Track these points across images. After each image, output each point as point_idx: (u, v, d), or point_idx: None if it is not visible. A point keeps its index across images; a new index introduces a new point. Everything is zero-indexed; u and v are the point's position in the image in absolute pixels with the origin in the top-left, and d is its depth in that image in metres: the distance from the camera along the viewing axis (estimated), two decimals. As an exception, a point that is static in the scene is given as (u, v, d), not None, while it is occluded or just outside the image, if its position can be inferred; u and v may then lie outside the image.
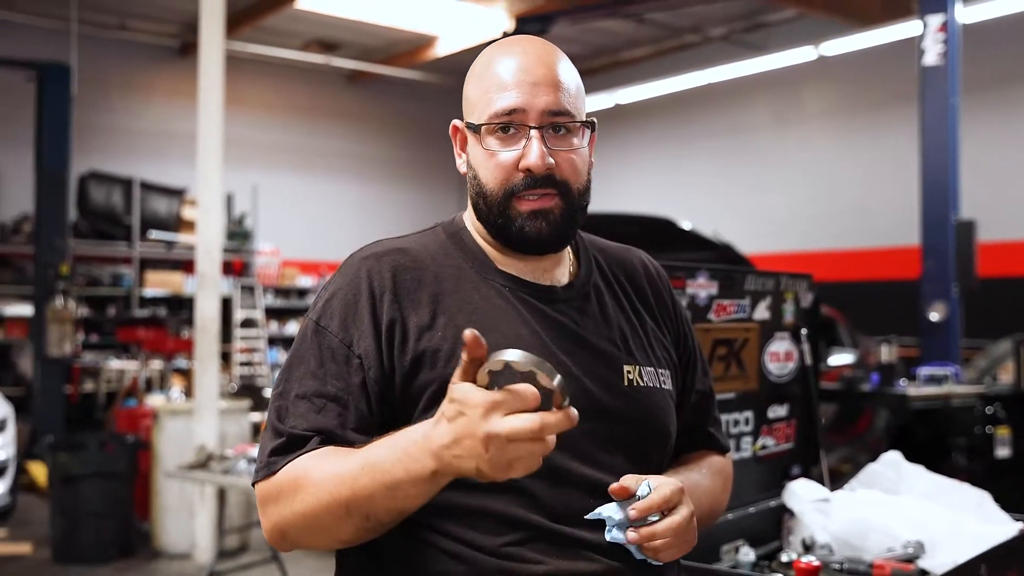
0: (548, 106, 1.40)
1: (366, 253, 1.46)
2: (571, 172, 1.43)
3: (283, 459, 1.33)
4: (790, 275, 2.98)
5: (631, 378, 1.47)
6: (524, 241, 1.43)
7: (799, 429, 2.99)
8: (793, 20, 11.29)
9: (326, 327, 1.39)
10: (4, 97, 10.75)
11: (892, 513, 2.45)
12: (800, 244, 11.39)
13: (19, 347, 10.89)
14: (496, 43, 1.50)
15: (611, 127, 13.45)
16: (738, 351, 2.72)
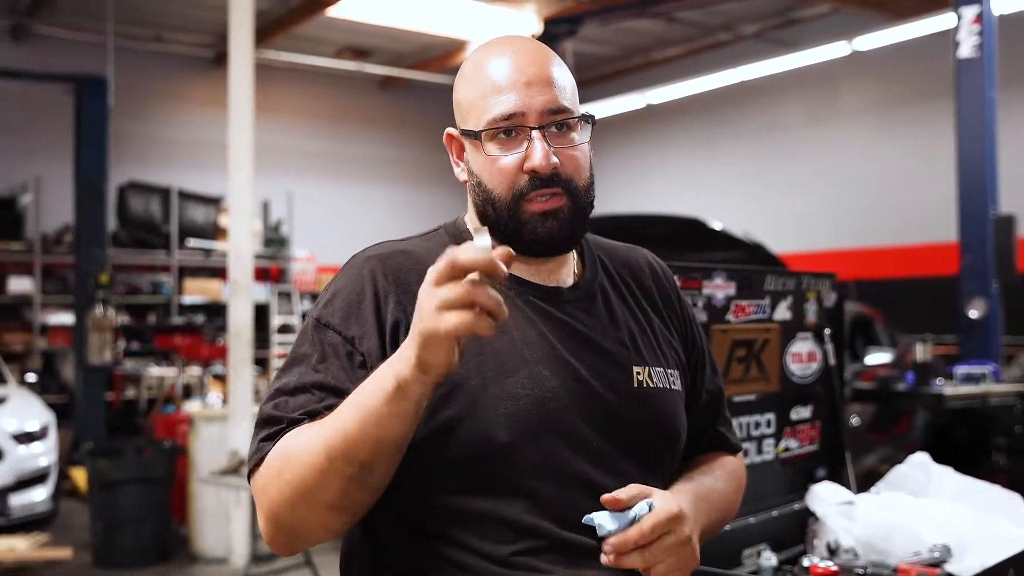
0: (546, 105, 1.39)
1: (370, 254, 1.45)
2: (575, 169, 1.42)
3: (271, 443, 1.29)
4: (812, 274, 2.93)
5: (640, 379, 1.46)
6: (537, 243, 1.42)
7: (824, 431, 2.95)
8: (826, 15, 11.15)
9: (328, 324, 1.38)
10: (44, 110, 10.95)
11: (918, 516, 2.40)
12: (837, 242, 11.26)
13: (62, 355, 11.08)
14: (483, 45, 1.49)
15: (643, 127, 13.41)
16: (758, 352, 2.69)
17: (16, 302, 11.15)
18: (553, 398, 1.36)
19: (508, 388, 1.35)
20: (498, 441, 1.32)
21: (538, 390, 1.36)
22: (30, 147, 11.28)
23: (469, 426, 1.32)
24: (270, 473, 1.28)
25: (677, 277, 2.40)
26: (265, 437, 1.31)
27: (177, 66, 12.51)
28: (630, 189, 13.71)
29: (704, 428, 1.65)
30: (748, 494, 2.58)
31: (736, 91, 11.74)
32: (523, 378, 1.36)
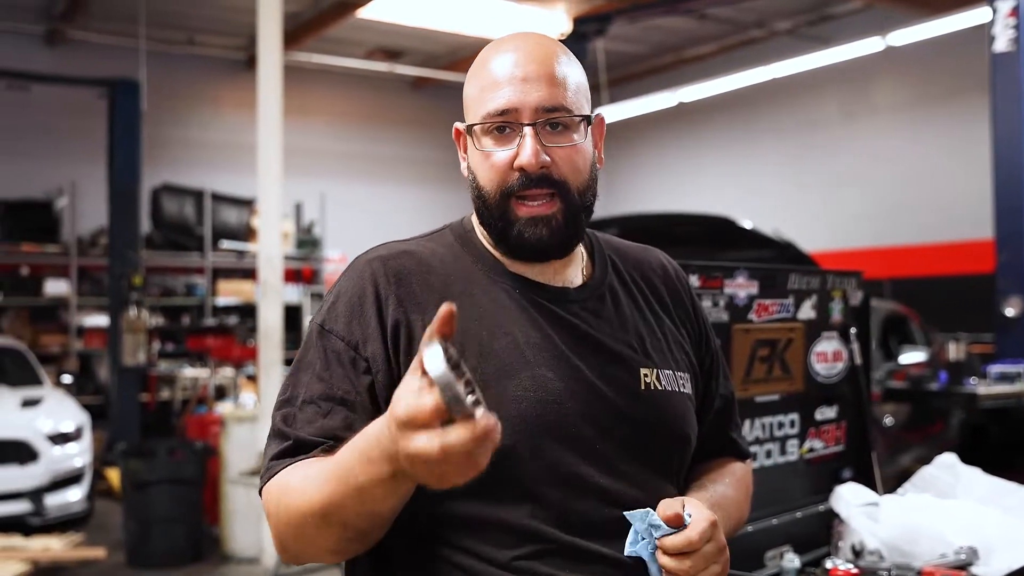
0: (541, 102, 1.36)
1: (372, 255, 1.43)
2: (570, 170, 1.38)
3: (291, 460, 1.29)
4: (838, 273, 2.89)
5: (648, 381, 1.43)
6: (524, 247, 1.39)
7: (850, 431, 2.90)
8: (860, 11, 11.03)
9: (331, 330, 1.37)
10: (79, 114, 11.08)
11: (944, 518, 2.36)
12: (872, 240, 11.12)
13: (98, 357, 11.22)
14: (493, 42, 1.47)
15: (675, 126, 13.34)
16: (781, 352, 2.65)
17: (53, 304, 11.31)
18: (556, 400, 1.34)
19: (509, 391, 1.32)
20: (501, 444, 1.29)
21: (541, 392, 1.33)
22: (65, 151, 11.43)
23: None
24: (274, 500, 1.29)
25: (697, 276, 2.40)
26: (275, 455, 1.31)
27: (210, 69, 12.61)
28: (662, 188, 13.66)
29: (715, 433, 1.61)
30: (771, 495, 2.58)
31: (769, 88, 11.63)
32: (525, 380, 1.33)
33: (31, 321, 11.17)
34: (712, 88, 11.41)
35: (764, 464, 2.61)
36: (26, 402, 7.37)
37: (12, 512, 6.73)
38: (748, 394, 2.56)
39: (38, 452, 6.90)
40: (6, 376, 8.08)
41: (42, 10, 11.07)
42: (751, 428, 2.57)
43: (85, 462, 7.30)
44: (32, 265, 11.24)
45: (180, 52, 12.11)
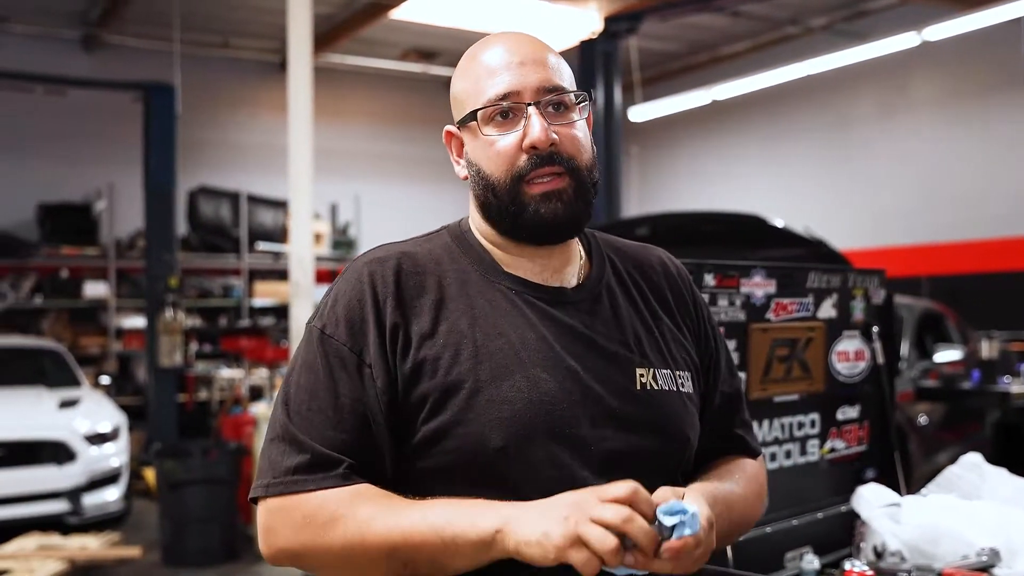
0: (542, 83, 1.38)
1: (369, 257, 1.44)
2: (575, 148, 1.40)
3: (309, 478, 1.29)
4: (859, 271, 2.86)
5: (644, 381, 1.42)
6: (541, 226, 1.39)
7: (873, 431, 2.87)
8: (896, 6, 10.88)
9: (332, 335, 1.37)
10: (116, 118, 11.23)
11: (965, 519, 2.33)
12: (910, 237, 10.97)
13: (137, 358, 11.37)
14: (476, 43, 1.49)
15: (710, 124, 13.26)
16: (801, 351, 2.63)
17: (92, 306, 11.47)
18: (550, 401, 1.34)
19: (503, 392, 1.33)
20: (491, 445, 1.30)
21: (534, 393, 1.33)
22: (103, 154, 11.59)
23: (462, 431, 1.31)
24: (309, 520, 1.29)
25: (713, 275, 2.38)
26: (298, 467, 1.31)
27: (245, 72, 12.73)
28: (697, 186, 13.58)
29: (721, 431, 1.59)
30: (791, 495, 2.56)
31: (804, 85, 11.52)
32: (519, 381, 1.34)
33: (71, 323, 11.34)
34: (747, 86, 11.32)
35: (783, 464, 2.59)
36: (64, 403, 7.47)
37: (50, 511, 6.81)
38: (767, 394, 2.54)
39: (76, 452, 6.99)
40: (45, 377, 8.19)
41: (79, 15, 11.23)
42: (769, 428, 2.55)
43: (122, 462, 7.38)
44: (72, 268, 11.40)
45: (215, 55, 12.24)
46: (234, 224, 11.98)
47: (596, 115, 8.32)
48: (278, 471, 1.32)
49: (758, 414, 2.50)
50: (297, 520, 1.30)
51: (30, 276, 11.15)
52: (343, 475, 1.30)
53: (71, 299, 11.28)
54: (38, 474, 6.85)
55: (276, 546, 1.33)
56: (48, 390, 7.84)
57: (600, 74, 8.49)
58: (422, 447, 1.33)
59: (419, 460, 1.34)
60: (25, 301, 11.01)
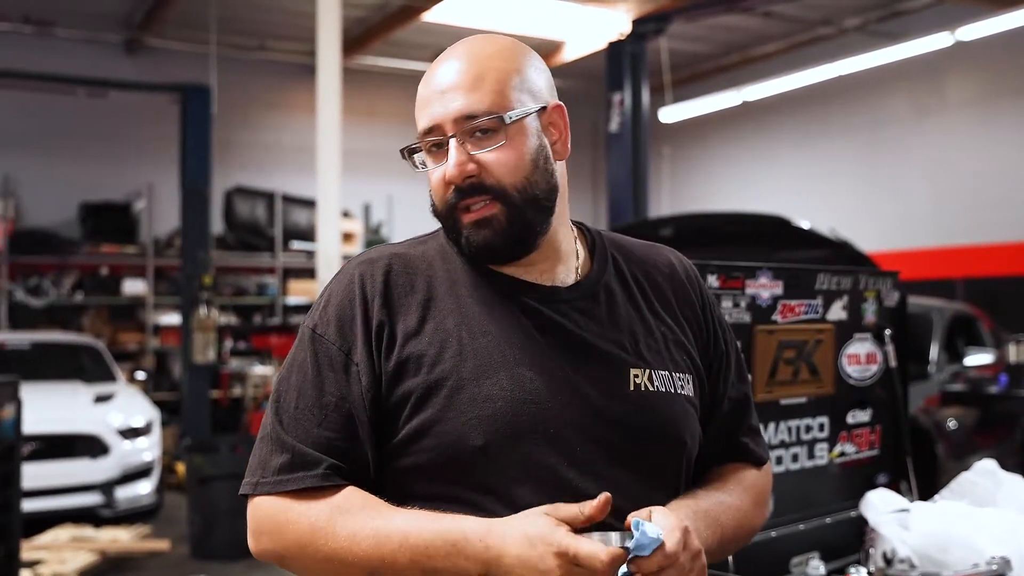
0: (460, 111, 1.35)
1: (361, 259, 1.45)
2: (504, 172, 1.36)
3: (290, 477, 1.32)
4: (871, 273, 2.83)
5: (638, 382, 1.40)
6: (475, 252, 1.39)
7: (885, 435, 2.84)
8: (932, 6, 10.75)
9: (323, 334, 1.39)
10: (156, 119, 11.40)
11: (976, 526, 2.30)
12: (945, 239, 10.83)
13: (173, 354, 11.53)
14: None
15: (743, 125, 13.18)
16: (809, 354, 2.60)
17: (131, 303, 11.67)
18: (534, 400, 1.33)
19: (485, 390, 1.32)
20: (471, 444, 1.30)
21: (517, 392, 1.33)
22: (143, 155, 11.77)
23: (442, 428, 1.31)
24: (291, 529, 1.31)
25: (716, 276, 2.37)
26: (281, 467, 1.33)
27: (280, 74, 12.85)
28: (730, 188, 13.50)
29: (726, 437, 1.56)
30: (798, 500, 2.54)
31: (838, 86, 11.42)
32: (502, 379, 1.33)
33: (111, 319, 11.55)
34: (779, 86, 11.25)
35: (790, 468, 2.56)
36: (99, 398, 7.61)
37: (84, 504, 6.96)
38: (772, 396, 2.51)
39: (109, 446, 7.13)
40: (83, 372, 8.36)
41: (123, 20, 11.41)
42: (776, 431, 2.52)
43: (154, 456, 7.51)
44: (111, 265, 11.61)
45: (252, 58, 12.36)
46: (269, 223, 12.11)
47: (623, 116, 8.31)
48: (264, 470, 1.34)
49: (763, 416, 2.47)
50: (280, 525, 1.32)
51: (72, 273, 11.37)
52: (323, 475, 1.31)
53: (111, 296, 11.50)
54: (73, 467, 7.00)
55: (261, 546, 1.35)
56: (84, 385, 7.99)
57: (628, 75, 8.48)
58: (404, 444, 1.33)
59: (401, 458, 1.34)
60: (67, 298, 11.22)
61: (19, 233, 10.94)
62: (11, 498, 4.45)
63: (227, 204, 11.93)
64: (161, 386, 11.35)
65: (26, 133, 11.38)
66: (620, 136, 8.37)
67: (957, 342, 6.29)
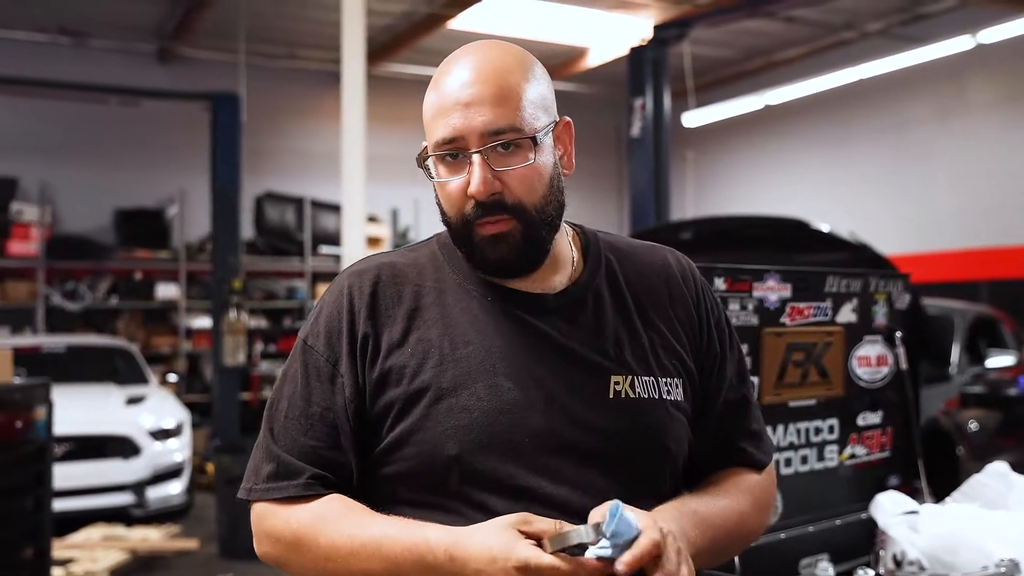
0: (487, 126, 1.33)
1: (352, 270, 1.48)
2: (524, 190, 1.36)
3: (276, 486, 1.37)
4: (882, 275, 2.85)
5: (619, 389, 1.40)
6: (487, 266, 1.40)
7: (897, 437, 2.86)
8: (954, 10, 10.68)
9: (312, 346, 1.42)
10: (187, 127, 11.53)
11: (986, 528, 2.31)
12: (969, 241, 10.74)
13: (206, 357, 11.69)
14: (450, 55, 1.44)
15: (768, 129, 13.17)
16: (818, 356, 2.63)
17: (164, 307, 11.84)
18: (511, 410, 1.34)
19: (462, 400, 1.34)
20: (446, 454, 1.32)
21: (494, 402, 1.34)
22: (175, 162, 11.94)
23: (420, 437, 1.34)
24: (279, 535, 1.37)
25: (723, 279, 2.40)
26: (269, 475, 1.39)
27: (310, 81, 12.97)
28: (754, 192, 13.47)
29: (723, 439, 1.54)
30: (807, 501, 2.56)
31: (861, 89, 11.38)
32: (480, 390, 1.35)
33: (144, 323, 11.73)
34: (802, 90, 11.23)
35: (799, 470, 2.58)
36: (131, 400, 7.75)
37: (116, 503, 7.10)
38: (781, 399, 2.53)
39: (140, 447, 7.26)
40: (116, 375, 8.51)
41: (155, 30, 11.60)
42: (784, 433, 2.55)
43: (185, 457, 7.64)
44: (145, 270, 11.80)
45: (282, 66, 12.51)
46: (298, 228, 12.24)
47: (645, 120, 8.34)
48: (256, 477, 1.41)
49: (772, 419, 2.51)
50: (270, 531, 1.38)
51: (106, 278, 11.55)
52: (305, 484, 1.36)
53: (144, 300, 11.67)
54: (105, 467, 7.13)
55: (262, 549, 1.42)
56: (117, 387, 8.14)
57: (649, 80, 8.50)
58: (387, 453, 1.37)
59: (385, 465, 1.38)
60: (101, 302, 11.41)
61: (56, 239, 11.14)
62: (43, 497, 4.55)
63: (257, 210, 12.08)
64: (193, 388, 11.52)
65: (62, 142, 11.58)
66: (642, 141, 8.39)
67: (979, 344, 6.27)
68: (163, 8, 10.83)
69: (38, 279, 10.97)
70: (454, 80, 1.37)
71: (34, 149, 11.37)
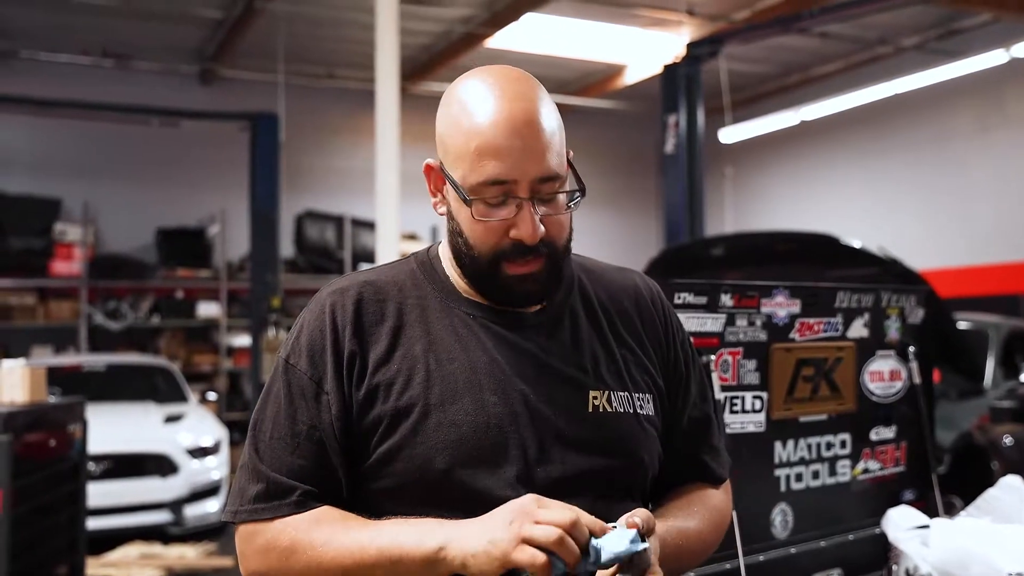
0: (540, 174, 1.35)
1: (333, 287, 1.48)
2: (557, 233, 1.40)
3: (266, 506, 1.38)
4: (895, 290, 2.83)
5: (597, 403, 1.44)
6: (512, 301, 1.43)
7: (911, 452, 2.83)
8: (988, 24, 10.60)
9: (295, 364, 1.42)
10: (226, 147, 11.76)
11: (997, 542, 2.30)
12: (1010, 255, 10.58)
13: (246, 375, 11.83)
14: (471, 82, 1.42)
15: (805, 144, 13.13)
16: (828, 371, 2.62)
17: (205, 325, 12.03)
18: (497, 425, 1.37)
19: (450, 415, 1.36)
20: (436, 468, 1.34)
21: (481, 416, 1.37)
22: (215, 181, 12.16)
23: (409, 453, 1.36)
24: (271, 548, 1.37)
25: (731, 296, 2.41)
26: (257, 495, 1.39)
27: (349, 100, 13.11)
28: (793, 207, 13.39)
29: (686, 455, 1.58)
30: (819, 516, 2.55)
31: (898, 103, 11.29)
32: (467, 405, 1.37)
33: (185, 341, 11.92)
34: (839, 105, 11.16)
35: (810, 485, 2.57)
36: (169, 418, 7.83)
37: (154, 521, 7.14)
38: (791, 414, 2.53)
39: (178, 465, 7.31)
40: (156, 393, 8.59)
41: (196, 52, 11.84)
42: (795, 448, 2.54)
43: (223, 475, 7.68)
44: (186, 289, 11.99)
45: (320, 86, 12.69)
46: (338, 246, 12.37)
47: (679, 137, 8.34)
48: (242, 499, 1.40)
49: (781, 434, 2.51)
50: (262, 546, 1.38)
51: (148, 297, 11.77)
52: (296, 502, 1.37)
53: (186, 319, 11.86)
54: (143, 485, 7.17)
55: (248, 570, 1.41)
56: (156, 405, 8.22)
57: (683, 97, 8.51)
58: (374, 469, 1.38)
59: (372, 482, 1.39)
60: (144, 320, 11.63)
61: (98, 258, 11.38)
62: (77, 515, 4.62)
63: (298, 228, 12.23)
64: (233, 406, 11.65)
65: (105, 163, 11.86)
66: (676, 157, 8.39)
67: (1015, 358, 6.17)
68: (205, 30, 11.06)
69: (81, 298, 11.20)
70: (497, 117, 1.36)
71: (77, 170, 11.65)
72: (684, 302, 2.29)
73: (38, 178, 11.43)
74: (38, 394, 4.42)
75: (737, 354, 2.41)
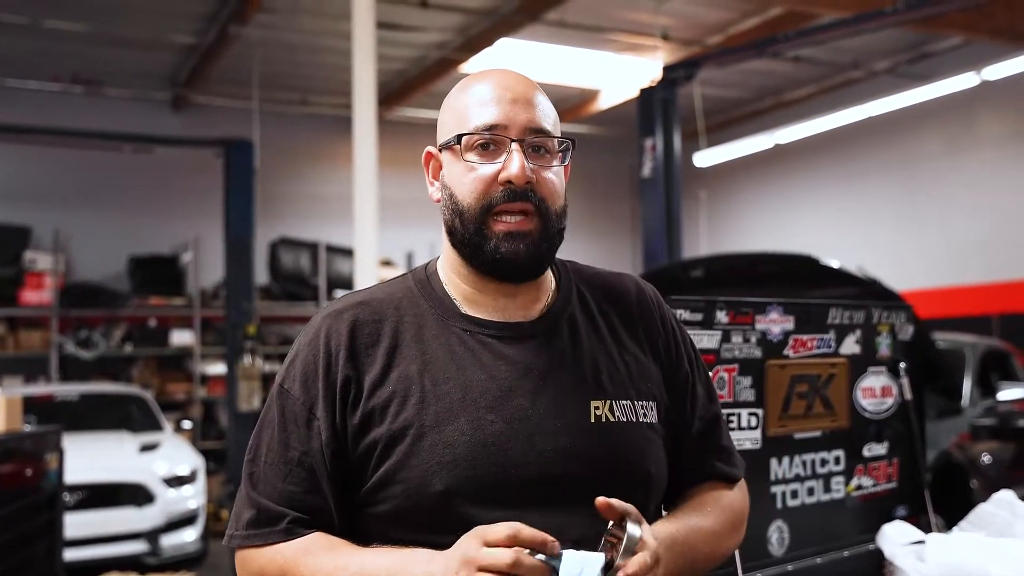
0: (529, 122, 1.41)
1: (328, 311, 1.47)
2: (549, 192, 1.41)
3: (257, 532, 1.38)
4: (885, 306, 2.86)
5: (599, 414, 1.42)
6: (500, 263, 1.41)
7: (903, 468, 2.85)
8: (960, 47, 10.81)
9: (288, 390, 1.43)
10: (200, 173, 11.65)
11: (991, 557, 2.31)
12: (982, 275, 10.73)
13: (221, 403, 11.70)
14: (468, 76, 1.51)
15: (778, 168, 13.28)
16: (821, 387, 2.63)
17: (178, 354, 11.88)
18: (495, 442, 1.35)
19: (446, 436, 1.35)
20: (433, 490, 1.33)
21: (478, 435, 1.35)
22: (189, 209, 12.05)
23: (406, 475, 1.34)
24: (261, 573, 1.38)
25: (726, 312, 2.42)
26: (249, 522, 1.39)
27: (323, 126, 13.11)
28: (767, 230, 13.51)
29: (698, 458, 1.56)
30: (814, 533, 2.55)
31: (870, 126, 11.46)
32: (463, 424, 1.35)
33: (159, 370, 11.76)
34: (812, 128, 11.31)
35: (805, 501, 2.57)
36: (144, 447, 7.72)
37: (130, 552, 7.01)
38: (786, 430, 2.54)
39: (154, 495, 7.21)
40: (130, 422, 8.48)
41: (168, 78, 11.78)
42: (790, 465, 2.55)
43: (199, 504, 7.59)
44: (159, 317, 11.84)
45: (294, 112, 12.67)
46: (313, 273, 12.28)
47: (656, 160, 8.40)
48: (237, 524, 1.41)
49: (777, 450, 2.51)
50: (255, 571, 1.38)
51: (121, 325, 11.61)
52: (286, 530, 1.37)
53: (159, 347, 11.70)
54: (118, 515, 7.06)
55: None
56: (131, 434, 8.11)
57: (659, 121, 8.58)
58: (373, 492, 1.37)
59: (372, 505, 1.38)
60: (116, 349, 11.46)
61: (70, 287, 11.21)
62: (54, 546, 4.54)
63: (272, 255, 12.14)
64: (208, 434, 11.51)
65: (76, 190, 11.73)
66: (653, 180, 8.45)
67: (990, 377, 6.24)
68: (177, 56, 11.01)
69: (52, 327, 11.03)
70: (491, 83, 1.45)
71: (48, 197, 11.52)
72: (680, 319, 2.29)
73: (7, 206, 11.28)
74: (13, 423, 4.35)
75: (733, 371, 2.41)
